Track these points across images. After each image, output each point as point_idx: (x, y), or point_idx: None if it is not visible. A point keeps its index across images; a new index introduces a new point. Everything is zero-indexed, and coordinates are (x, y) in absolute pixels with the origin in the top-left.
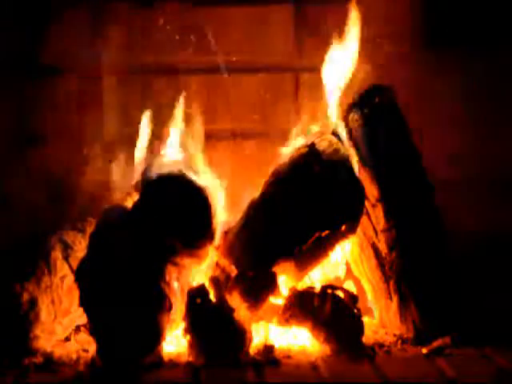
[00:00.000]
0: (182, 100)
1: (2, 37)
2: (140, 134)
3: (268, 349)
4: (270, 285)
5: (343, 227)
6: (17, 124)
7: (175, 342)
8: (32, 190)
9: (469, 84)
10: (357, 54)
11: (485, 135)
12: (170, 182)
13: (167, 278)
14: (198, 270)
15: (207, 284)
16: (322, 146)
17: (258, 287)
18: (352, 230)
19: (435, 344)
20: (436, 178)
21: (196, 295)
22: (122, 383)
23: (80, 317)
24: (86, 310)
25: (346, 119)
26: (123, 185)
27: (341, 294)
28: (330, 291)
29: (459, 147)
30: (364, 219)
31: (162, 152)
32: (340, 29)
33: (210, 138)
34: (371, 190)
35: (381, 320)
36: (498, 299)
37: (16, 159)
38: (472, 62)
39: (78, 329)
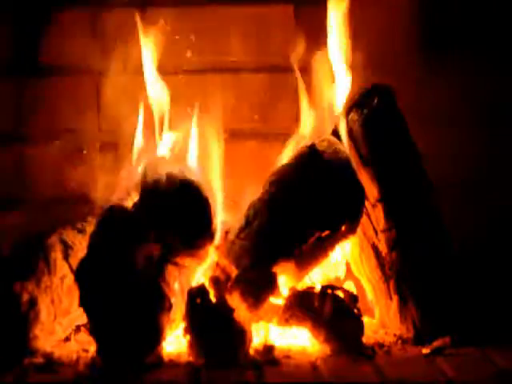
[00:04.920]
0: (182, 100)
1: (2, 37)
2: (140, 133)
3: (268, 349)
4: (270, 285)
5: (343, 227)
6: (16, 124)
7: (175, 342)
8: (31, 190)
9: (467, 85)
10: (357, 56)
11: (485, 136)
12: (169, 182)
13: (167, 278)
14: (198, 270)
15: (207, 284)
16: (322, 146)
17: (258, 287)
18: (352, 230)
19: (435, 344)
20: (436, 177)
21: (196, 295)
22: (122, 383)
23: (80, 317)
24: (86, 310)
25: (346, 119)
26: (123, 185)
27: (341, 294)
28: (330, 291)
29: (459, 147)
30: (364, 219)
31: (162, 152)
32: (338, 29)
33: (209, 137)
34: (371, 190)
35: (381, 320)
36: (497, 299)
37: (14, 159)
38: (471, 63)
39: (78, 329)
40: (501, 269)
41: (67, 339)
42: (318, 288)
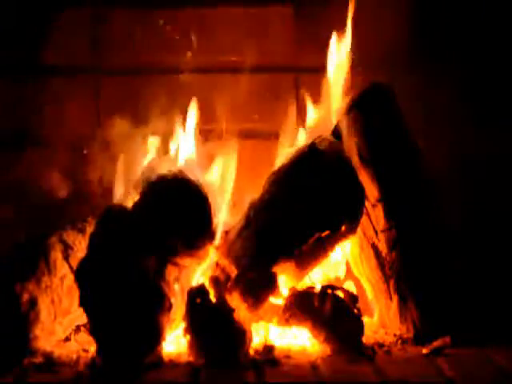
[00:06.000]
0: (182, 100)
1: (3, 37)
2: (140, 134)
3: (268, 349)
4: (270, 285)
5: (343, 227)
6: (17, 124)
7: (175, 342)
8: (32, 190)
9: (466, 85)
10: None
11: (485, 136)
12: (169, 182)
13: (167, 277)
14: (198, 270)
15: (207, 284)
16: (322, 146)
17: (257, 287)
18: (352, 230)
19: (435, 344)
20: (436, 177)
21: (196, 295)
22: (122, 383)
23: (80, 317)
24: (86, 310)
25: (346, 119)
26: (123, 184)
27: (341, 294)
28: (329, 291)
29: (459, 147)
30: (364, 219)
31: (162, 152)
32: (339, 29)
33: (209, 137)
34: (371, 190)
35: (381, 320)
36: (498, 299)
37: (15, 159)
38: (469, 65)
39: (78, 329)
40: (501, 268)
41: (67, 339)
42: (318, 288)
